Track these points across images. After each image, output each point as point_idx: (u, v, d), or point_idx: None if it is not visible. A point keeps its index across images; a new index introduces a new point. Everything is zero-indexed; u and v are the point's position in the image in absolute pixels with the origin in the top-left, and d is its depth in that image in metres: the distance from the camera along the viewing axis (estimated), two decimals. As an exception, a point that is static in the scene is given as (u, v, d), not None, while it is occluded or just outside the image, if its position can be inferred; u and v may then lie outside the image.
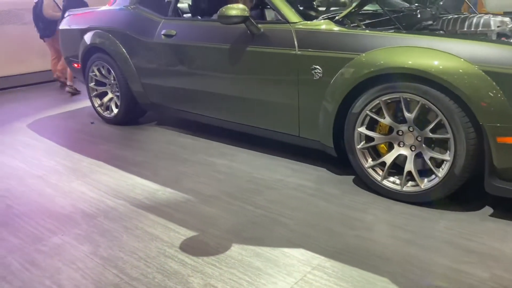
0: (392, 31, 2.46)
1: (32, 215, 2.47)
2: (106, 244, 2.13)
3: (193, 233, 2.20)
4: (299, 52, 2.62)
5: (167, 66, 3.46)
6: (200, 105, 3.38)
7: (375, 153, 2.53)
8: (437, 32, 2.80)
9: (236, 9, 2.76)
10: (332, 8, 3.44)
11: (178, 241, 2.13)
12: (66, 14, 4.62)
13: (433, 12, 3.32)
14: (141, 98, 3.84)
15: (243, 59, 2.93)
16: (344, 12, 2.61)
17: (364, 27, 2.64)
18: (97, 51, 4.04)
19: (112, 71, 3.93)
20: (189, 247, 2.07)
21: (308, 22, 2.69)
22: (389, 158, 2.43)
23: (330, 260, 1.92)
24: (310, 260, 1.93)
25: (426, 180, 2.32)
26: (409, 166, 2.35)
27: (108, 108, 4.20)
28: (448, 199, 2.32)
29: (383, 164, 2.46)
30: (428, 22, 3.10)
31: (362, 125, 2.46)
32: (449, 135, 2.16)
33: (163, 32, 3.44)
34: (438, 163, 2.28)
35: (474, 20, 2.83)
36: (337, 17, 2.66)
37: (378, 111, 2.41)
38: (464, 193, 2.38)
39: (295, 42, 2.65)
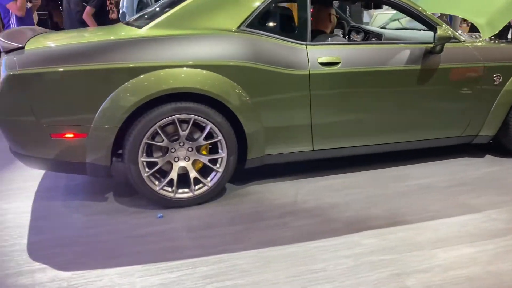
0: None
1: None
2: None
3: None
4: (487, 65, 3.19)
5: (329, 99, 2.91)
6: (368, 135, 3.15)
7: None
8: None
9: (449, 30, 3.00)
10: None
11: None
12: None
13: None
14: (259, 151, 2.87)
15: (433, 77, 3.10)
16: (493, 32, 3.36)
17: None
18: (168, 102, 2.58)
19: (211, 126, 2.66)
20: None
21: (474, 41, 3.31)
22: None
23: None
24: None
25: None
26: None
27: (181, 184, 2.74)
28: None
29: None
30: None
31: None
32: None
33: (318, 60, 2.82)
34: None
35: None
36: (484, 37, 3.38)
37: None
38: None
39: (479, 57, 3.19)
